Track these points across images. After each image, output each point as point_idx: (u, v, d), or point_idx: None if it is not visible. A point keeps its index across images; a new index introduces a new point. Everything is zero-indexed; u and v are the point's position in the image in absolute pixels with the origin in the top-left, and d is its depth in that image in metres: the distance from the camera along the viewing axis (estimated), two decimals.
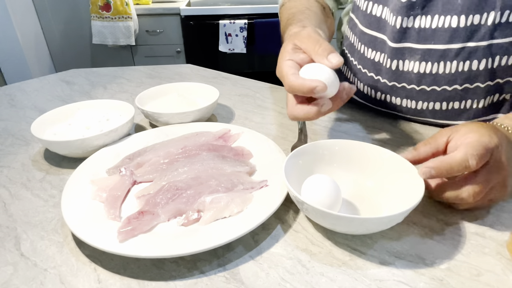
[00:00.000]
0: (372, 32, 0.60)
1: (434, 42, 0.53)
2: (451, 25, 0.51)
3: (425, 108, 0.59)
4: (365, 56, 0.63)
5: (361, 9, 0.62)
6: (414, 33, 0.54)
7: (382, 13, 0.58)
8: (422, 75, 0.56)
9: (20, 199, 0.48)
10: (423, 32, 0.54)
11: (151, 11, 2.08)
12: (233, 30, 1.98)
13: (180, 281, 0.36)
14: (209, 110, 0.65)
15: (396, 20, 0.55)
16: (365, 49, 0.62)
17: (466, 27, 0.50)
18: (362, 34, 0.62)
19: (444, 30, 0.52)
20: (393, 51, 0.57)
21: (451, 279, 0.35)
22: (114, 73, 0.97)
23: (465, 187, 0.38)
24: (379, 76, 0.61)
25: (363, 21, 0.62)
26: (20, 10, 2.04)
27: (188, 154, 0.52)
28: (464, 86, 0.54)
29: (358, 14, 0.64)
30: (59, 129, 0.61)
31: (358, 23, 0.63)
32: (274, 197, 0.43)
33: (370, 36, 0.61)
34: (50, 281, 0.36)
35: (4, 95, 0.83)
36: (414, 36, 0.54)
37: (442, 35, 0.52)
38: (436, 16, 0.52)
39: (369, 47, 0.61)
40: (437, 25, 0.52)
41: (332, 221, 0.37)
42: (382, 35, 0.58)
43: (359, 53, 0.64)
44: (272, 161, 0.51)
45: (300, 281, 0.35)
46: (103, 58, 2.26)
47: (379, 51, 0.60)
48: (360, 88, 0.66)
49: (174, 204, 0.42)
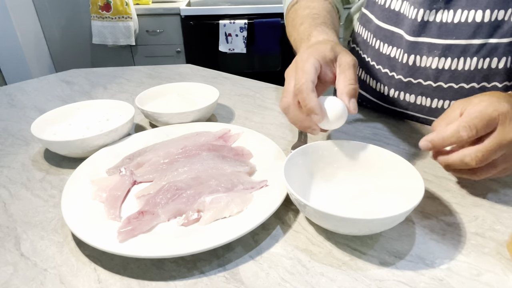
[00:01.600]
0: (388, 27, 0.60)
1: (455, 37, 0.52)
2: (475, 19, 0.50)
3: (440, 106, 0.58)
4: (380, 52, 0.62)
5: (378, 3, 0.61)
6: (435, 27, 0.54)
7: (401, 7, 0.57)
8: (440, 71, 0.55)
9: (20, 199, 0.48)
10: (444, 27, 0.53)
11: (151, 11, 2.07)
12: (233, 30, 1.98)
13: (180, 281, 0.36)
14: (209, 110, 0.65)
15: (417, 13, 0.54)
16: (380, 44, 0.62)
17: (490, 22, 0.50)
18: (377, 29, 0.62)
19: (468, 25, 0.51)
20: (411, 45, 0.56)
21: (451, 279, 0.35)
22: (114, 73, 0.97)
23: (469, 151, 0.39)
24: (393, 72, 0.60)
25: (380, 16, 0.61)
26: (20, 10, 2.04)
27: (188, 154, 0.52)
28: (482, 84, 0.54)
29: (374, 9, 0.63)
30: (59, 129, 0.61)
31: (374, 18, 0.63)
32: (274, 197, 0.43)
33: (387, 31, 0.60)
34: (50, 281, 0.36)
35: (4, 95, 0.83)
36: (435, 31, 0.54)
37: (464, 30, 0.51)
38: (459, 10, 0.51)
39: (385, 42, 0.61)
40: (459, 20, 0.51)
41: (335, 223, 0.37)
42: (399, 29, 0.58)
43: (373, 49, 0.64)
44: (272, 161, 0.51)
45: (300, 281, 0.35)
46: (103, 58, 2.26)
47: (395, 46, 0.59)
48: (373, 86, 0.66)
49: (174, 204, 0.42)
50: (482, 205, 0.44)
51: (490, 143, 0.38)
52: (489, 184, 0.48)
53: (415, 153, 0.55)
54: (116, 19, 2.03)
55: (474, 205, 0.44)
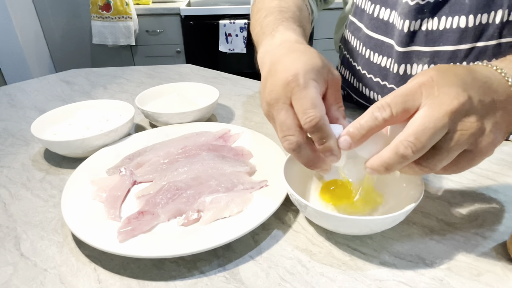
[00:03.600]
0: (379, 37, 0.59)
1: (442, 44, 0.52)
2: (459, 25, 0.51)
3: None
4: (371, 61, 0.61)
5: (366, 12, 0.61)
6: (422, 36, 0.54)
7: (390, 17, 0.57)
8: None
9: (20, 199, 0.48)
10: (430, 35, 0.53)
11: (151, 11, 2.08)
12: (233, 30, 1.98)
13: (180, 281, 0.36)
14: (209, 110, 0.65)
15: (403, 24, 0.54)
16: (370, 54, 0.61)
17: (475, 26, 0.50)
18: (367, 38, 0.61)
19: (453, 31, 0.51)
20: (401, 55, 0.56)
21: (451, 279, 0.35)
22: (114, 73, 0.97)
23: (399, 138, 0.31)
24: (385, 81, 0.60)
25: (369, 25, 0.61)
26: (20, 10, 2.04)
27: (188, 154, 0.52)
28: None
29: (362, 17, 0.62)
30: (59, 129, 0.61)
31: (363, 27, 0.62)
32: (274, 197, 0.43)
33: (377, 41, 0.59)
34: (50, 281, 0.36)
35: (4, 95, 0.83)
36: (422, 39, 0.54)
37: (450, 36, 0.52)
38: (443, 17, 0.51)
39: (376, 51, 0.60)
40: (444, 27, 0.52)
41: (336, 223, 0.37)
42: (390, 39, 0.57)
43: (364, 58, 0.63)
44: (272, 161, 0.51)
45: (300, 281, 0.35)
46: (103, 58, 2.26)
47: (385, 56, 0.59)
48: (366, 94, 0.65)
49: (174, 204, 0.42)
50: (482, 205, 0.44)
51: (420, 121, 0.30)
52: (489, 184, 0.48)
53: None
54: (116, 19, 2.03)
55: (474, 205, 0.44)
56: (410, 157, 0.31)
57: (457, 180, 0.49)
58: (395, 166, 0.32)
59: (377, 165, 0.33)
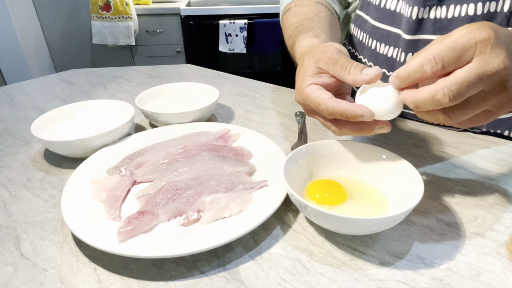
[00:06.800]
0: (385, 27, 0.60)
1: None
2: (468, 13, 0.50)
3: None
4: (377, 52, 0.62)
5: (373, 4, 0.62)
6: (430, 24, 0.54)
7: (397, 7, 0.57)
8: None
9: (20, 199, 0.48)
10: (439, 23, 0.53)
11: (151, 11, 2.08)
12: (233, 30, 1.98)
13: (180, 281, 0.36)
14: (209, 110, 0.65)
15: (412, 11, 0.54)
16: (377, 45, 0.62)
17: (483, 14, 0.50)
18: (374, 29, 0.62)
19: (461, 19, 0.51)
20: (408, 44, 0.56)
21: (451, 279, 0.35)
22: (114, 73, 0.97)
23: (441, 84, 0.32)
24: (391, 72, 0.60)
25: (375, 16, 0.61)
26: (20, 10, 2.04)
27: (188, 154, 0.52)
28: None
29: (369, 9, 0.63)
30: (59, 129, 0.60)
31: (369, 19, 0.63)
32: (274, 197, 0.43)
33: (383, 31, 0.60)
34: (50, 281, 0.36)
35: (4, 95, 0.83)
36: (430, 27, 0.54)
37: (459, 25, 0.51)
38: (452, 5, 0.51)
39: (382, 42, 0.61)
40: (453, 15, 0.52)
41: (336, 223, 0.37)
42: (397, 29, 0.58)
43: (370, 50, 0.64)
44: (272, 161, 0.51)
45: (300, 281, 0.35)
46: (103, 58, 2.26)
47: (392, 46, 0.59)
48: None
49: (174, 204, 0.42)
50: (482, 205, 0.44)
51: (466, 74, 0.31)
52: (489, 184, 0.48)
53: (415, 153, 0.55)
54: (116, 19, 2.03)
55: (474, 205, 0.44)
56: (444, 104, 0.32)
57: (457, 180, 0.49)
58: (425, 107, 0.33)
59: (410, 100, 0.34)
